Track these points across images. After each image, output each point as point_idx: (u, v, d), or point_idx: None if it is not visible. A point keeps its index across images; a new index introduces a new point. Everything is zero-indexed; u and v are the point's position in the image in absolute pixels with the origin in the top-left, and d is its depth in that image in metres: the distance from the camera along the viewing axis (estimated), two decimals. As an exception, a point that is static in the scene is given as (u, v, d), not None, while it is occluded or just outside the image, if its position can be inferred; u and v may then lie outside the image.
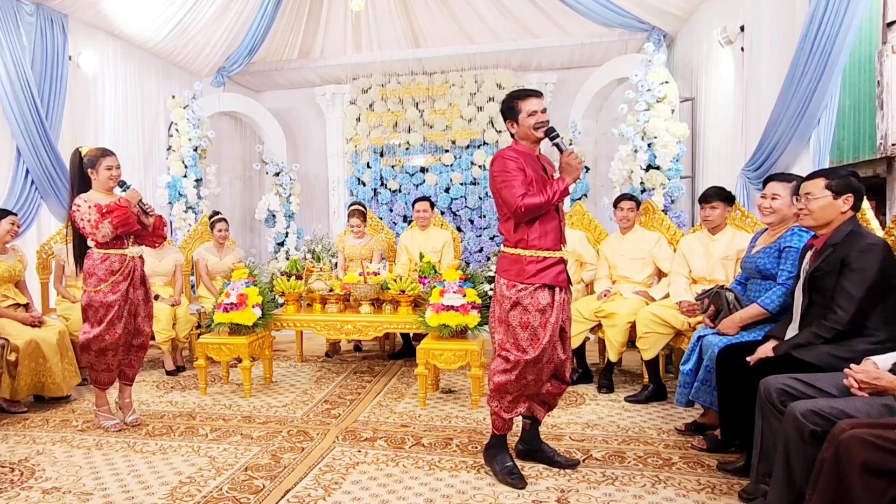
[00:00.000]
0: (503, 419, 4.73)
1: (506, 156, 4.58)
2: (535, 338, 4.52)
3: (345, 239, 9.21)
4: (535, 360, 4.53)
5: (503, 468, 4.68)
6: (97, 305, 5.72)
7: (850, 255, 4.11)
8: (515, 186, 4.47)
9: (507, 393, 4.65)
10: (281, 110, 13.24)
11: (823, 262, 4.26)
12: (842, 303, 4.13)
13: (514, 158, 4.55)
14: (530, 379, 4.61)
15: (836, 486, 3.03)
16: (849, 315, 4.10)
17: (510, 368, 4.58)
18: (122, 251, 5.79)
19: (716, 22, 8.53)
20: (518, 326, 4.54)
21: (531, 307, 4.51)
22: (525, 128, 4.62)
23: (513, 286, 4.56)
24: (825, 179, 4.28)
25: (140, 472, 4.92)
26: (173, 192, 10.68)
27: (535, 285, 4.52)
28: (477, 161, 12.31)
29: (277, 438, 5.59)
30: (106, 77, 9.82)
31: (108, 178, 5.75)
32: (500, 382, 4.64)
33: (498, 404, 4.70)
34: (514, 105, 4.66)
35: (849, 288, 4.10)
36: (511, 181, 4.49)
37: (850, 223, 4.26)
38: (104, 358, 5.84)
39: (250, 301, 6.93)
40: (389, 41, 12.41)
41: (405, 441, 5.49)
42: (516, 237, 4.60)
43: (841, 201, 4.23)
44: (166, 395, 7.02)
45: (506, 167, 4.53)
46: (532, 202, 4.43)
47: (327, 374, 7.87)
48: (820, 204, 4.26)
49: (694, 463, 4.90)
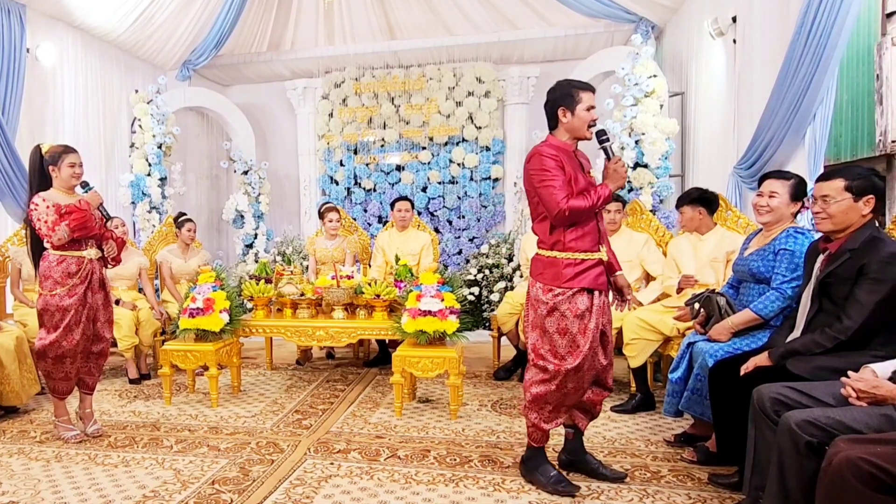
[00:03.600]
0: (542, 430, 4.70)
1: (544, 153, 4.48)
2: (574, 345, 4.48)
3: (316, 241, 9.19)
4: (576, 369, 4.49)
5: (549, 479, 4.66)
6: (53, 310, 5.67)
7: (871, 264, 4.02)
8: (556, 187, 4.40)
9: (547, 403, 4.62)
10: (249, 105, 13.19)
11: (839, 268, 4.17)
12: (850, 312, 4.07)
13: (553, 156, 4.46)
14: (570, 387, 4.57)
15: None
16: (856, 326, 4.04)
17: (549, 379, 4.55)
18: (80, 253, 5.73)
19: (706, 12, 8.55)
20: (556, 333, 4.51)
21: (569, 313, 4.46)
22: (580, 121, 4.51)
23: (549, 290, 4.51)
24: (843, 180, 4.14)
25: (101, 486, 4.88)
26: (136, 192, 10.59)
27: (574, 289, 4.47)
28: (455, 159, 12.28)
29: (246, 450, 5.56)
30: (65, 71, 9.74)
31: (70, 176, 5.70)
32: (538, 393, 4.61)
33: (537, 416, 4.66)
34: (573, 93, 4.53)
35: (860, 297, 4.04)
36: (551, 181, 4.41)
37: (869, 227, 4.15)
38: (62, 365, 5.79)
39: (217, 306, 6.87)
40: (364, 33, 12.39)
41: (380, 453, 5.46)
42: (553, 239, 4.54)
43: (862, 203, 4.10)
44: (129, 405, 6.96)
45: (545, 165, 4.45)
46: (577, 205, 4.36)
47: (298, 383, 7.82)
48: (841, 207, 4.13)
49: (684, 476, 4.89)
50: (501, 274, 10.57)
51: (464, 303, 6.61)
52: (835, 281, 4.19)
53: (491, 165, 12.19)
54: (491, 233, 11.89)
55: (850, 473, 2.93)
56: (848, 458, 2.97)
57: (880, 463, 2.90)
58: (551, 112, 4.64)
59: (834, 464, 3.02)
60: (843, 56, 5.74)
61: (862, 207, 4.11)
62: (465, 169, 12.26)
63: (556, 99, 4.60)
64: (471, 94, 12.15)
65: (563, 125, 4.59)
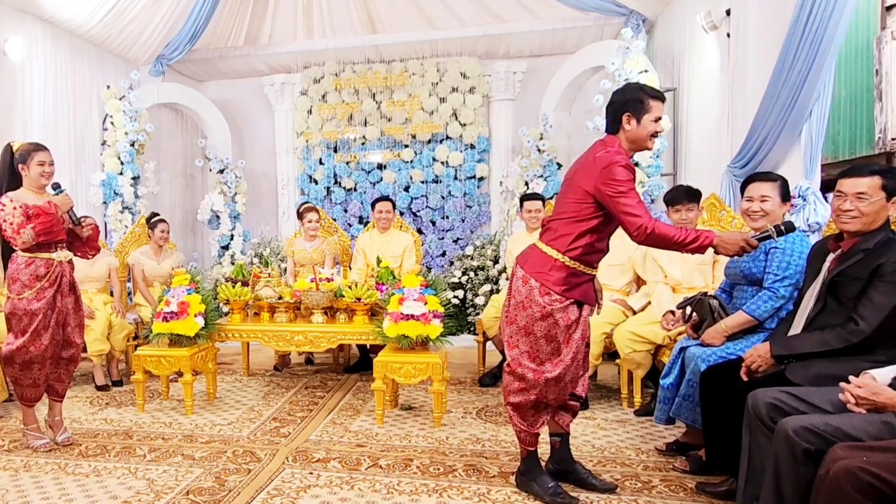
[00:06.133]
0: (531, 433, 4.70)
1: (625, 164, 4.30)
2: (556, 352, 4.49)
3: (295, 242, 9.15)
4: (557, 379, 4.50)
5: (547, 490, 4.64)
6: (21, 314, 5.64)
7: (888, 265, 3.97)
8: (636, 203, 4.25)
9: (529, 409, 4.63)
10: (225, 102, 13.13)
11: (850, 268, 4.12)
12: (865, 314, 4.00)
13: (631, 168, 4.33)
14: (551, 398, 4.59)
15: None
16: (870, 329, 3.98)
17: (527, 388, 4.55)
18: (49, 255, 5.70)
19: (699, 5, 8.55)
20: (543, 338, 4.49)
21: (562, 321, 4.45)
22: (644, 130, 4.41)
23: (546, 293, 4.45)
24: (881, 178, 4.05)
25: (72, 496, 4.86)
26: (108, 191, 10.56)
27: (570, 301, 4.46)
28: (439, 157, 12.26)
29: (222, 459, 5.54)
30: (35, 66, 9.70)
31: (39, 175, 5.67)
32: (517, 403, 4.63)
33: (521, 421, 4.67)
34: (644, 101, 4.41)
35: (876, 299, 3.98)
36: (631, 195, 4.26)
37: (885, 229, 4.11)
38: (29, 371, 5.75)
39: (192, 310, 6.84)
40: (344, 26, 12.38)
41: (361, 462, 5.45)
42: (572, 244, 4.43)
43: (891, 204, 4.06)
44: (101, 413, 6.93)
45: (628, 176, 4.28)
46: (663, 232, 4.21)
47: (276, 390, 7.80)
48: (875, 207, 4.05)
49: (676, 486, 4.88)
50: (487, 276, 10.58)
51: (448, 306, 6.59)
52: (845, 280, 4.15)
53: (476, 164, 12.17)
54: (476, 234, 11.90)
55: (848, 484, 2.92)
56: (847, 468, 2.96)
57: (880, 473, 2.89)
58: (615, 116, 4.50)
59: (832, 473, 3.01)
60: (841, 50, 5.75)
61: (891, 209, 4.07)
62: (449, 168, 12.24)
63: (625, 102, 4.46)
64: (455, 89, 12.11)
65: (625, 132, 4.46)
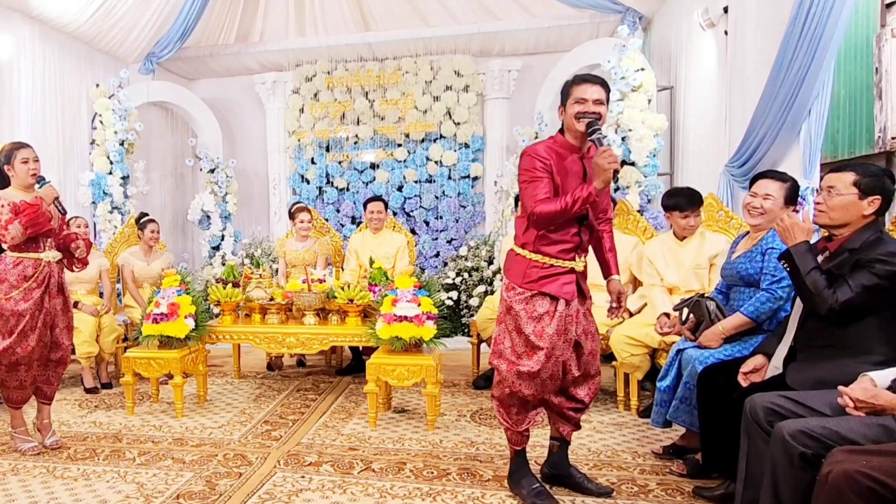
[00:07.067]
0: (515, 432, 4.69)
1: (534, 154, 4.42)
2: (529, 345, 4.45)
3: (286, 242, 9.14)
4: (532, 375, 4.45)
5: (530, 491, 4.65)
6: (7, 314, 5.63)
7: (869, 256, 3.95)
8: (538, 188, 4.35)
9: (510, 406, 4.63)
10: (216, 100, 13.11)
11: (835, 266, 4.12)
12: (838, 291, 3.96)
13: (541, 157, 4.40)
14: (528, 394, 4.54)
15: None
16: (836, 304, 3.95)
17: (501, 380, 4.58)
18: (37, 255, 5.70)
19: (697, 3, 8.57)
20: (514, 331, 4.50)
21: (524, 314, 4.44)
22: (569, 116, 4.48)
23: (511, 288, 4.52)
24: (854, 175, 4.07)
25: (60, 500, 4.86)
26: (97, 191, 10.56)
27: (533, 292, 4.45)
28: (433, 156, 12.26)
29: (212, 463, 5.53)
30: (22, 64, 9.70)
31: (25, 173, 5.66)
32: (497, 396, 4.67)
33: (505, 418, 4.69)
34: (567, 89, 4.53)
35: (850, 280, 3.96)
36: (534, 182, 4.37)
37: (873, 229, 4.10)
38: (16, 373, 5.75)
39: (182, 311, 6.83)
40: (336, 24, 12.39)
41: (353, 466, 5.44)
42: (525, 238, 4.53)
43: (866, 203, 4.04)
44: (90, 415, 6.92)
45: (533, 165, 4.40)
46: (545, 210, 4.30)
47: (268, 392, 7.79)
48: (843, 202, 4.07)
49: (673, 490, 4.88)
50: (481, 277, 10.58)
51: (441, 308, 6.59)
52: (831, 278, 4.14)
53: (470, 163, 12.17)
54: (470, 234, 11.89)
55: (848, 488, 2.92)
56: (846, 472, 2.96)
57: (880, 477, 2.88)
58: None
59: (831, 478, 3.00)
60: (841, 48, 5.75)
61: (865, 207, 4.05)
62: (443, 167, 12.24)
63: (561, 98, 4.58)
64: (449, 88, 12.11)
65: (564, 123, 4.57)
